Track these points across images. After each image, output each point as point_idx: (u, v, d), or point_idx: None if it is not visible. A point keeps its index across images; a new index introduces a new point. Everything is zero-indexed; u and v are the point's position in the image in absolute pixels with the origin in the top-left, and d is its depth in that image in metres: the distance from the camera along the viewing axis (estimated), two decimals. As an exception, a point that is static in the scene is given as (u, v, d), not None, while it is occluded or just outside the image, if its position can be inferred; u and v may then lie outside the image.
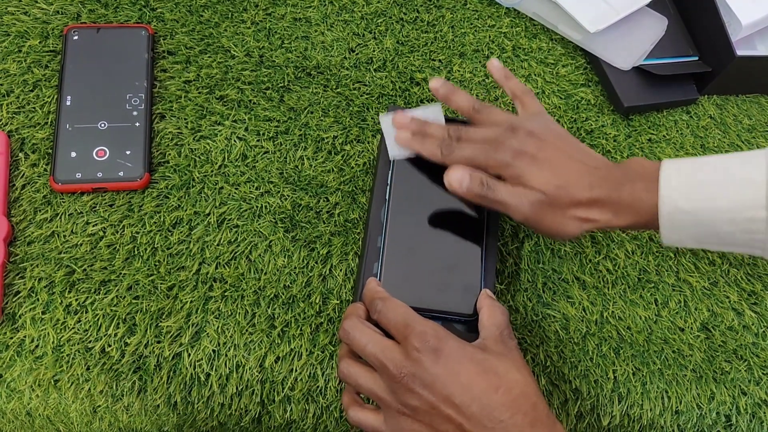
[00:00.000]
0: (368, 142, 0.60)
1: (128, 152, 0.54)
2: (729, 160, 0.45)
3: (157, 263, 0.51)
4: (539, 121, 0.49)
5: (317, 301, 0.52)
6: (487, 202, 0.46)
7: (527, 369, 0.42)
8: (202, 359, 0.49)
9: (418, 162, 0.51)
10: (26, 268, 0.49)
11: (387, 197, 0.50)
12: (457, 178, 0.46)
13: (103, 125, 0.55)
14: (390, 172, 0.51)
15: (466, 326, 0.46)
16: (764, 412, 0.54)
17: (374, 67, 0.64)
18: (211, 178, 0.55)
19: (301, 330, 0.51)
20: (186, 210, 0.54)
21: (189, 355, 0.49)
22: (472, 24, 0.70)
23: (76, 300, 0.49)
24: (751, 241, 0.43)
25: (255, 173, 0.56)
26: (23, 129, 0.54)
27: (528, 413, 0.39)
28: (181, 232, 0.53)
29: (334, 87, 0.62)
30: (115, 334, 0.48)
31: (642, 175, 0.45)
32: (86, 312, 0.49)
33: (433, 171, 0.51)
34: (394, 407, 0.41)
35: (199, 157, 0.56)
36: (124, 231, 0.52)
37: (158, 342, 0.49)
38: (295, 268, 0.53)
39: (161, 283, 0.51)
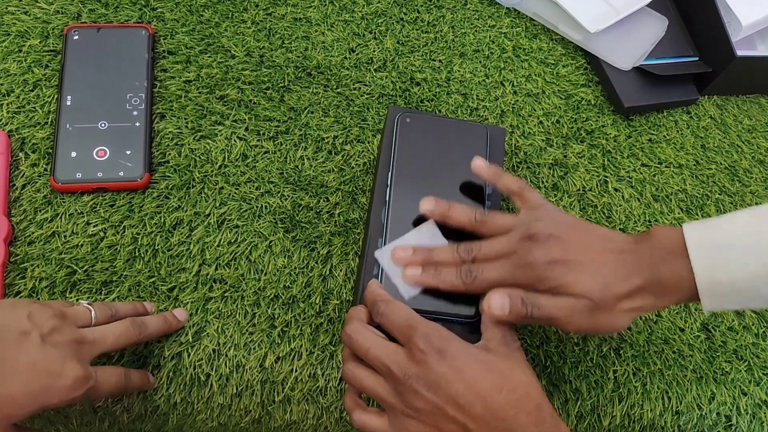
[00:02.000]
0: (368, 142, 0.60)
1: (128, 152, 0.54)
2: (755, 220, 0.42)
3: (157, 265, 0.51)
4: (548, 217, 0.46)
5: (317, 301, 0.52)
6: (533, 321, 0.44)
7: (530, 370, 0.42)
8: (202, 359, 0.49)
9: (418, 163, 0.51)
10: (27, 269, 0.49)
11: (387, 199, 0.50)
12: (498, 306, 0.43)
13: (103, 125, 0.55)
14: (390, 173, 0.51)
15: (468, 327, 0.46)
16: (764, 413, 0.54)
17: (374, 67, 0.64)
18: (212, 178, 0.55)
19: (301, 330, 0.51)
20: (186, 210, 0.54)
21: (189, 355, 0.49)
22: (472, 24, 0.70)
23: (77, 300, 0.49)
24: None
25: (255, 173, 0.56)
26: (23, 129, 0.54)
27: (531, 413, 0.39)
28: (181, 233, 0.53)
29: (335, 87, 0.62)
30: (116, 335, 0.48)
31: (672, 251, 0.43)
32: (86, 312, 0.49)
33: (433, 173, 0.51)
34: (398, 409, 0.41)
35: (200, 157, 0.56)
36: (124, 232, 0.52)
37: (158, 342, 0.49)
38: (296, 268, 0.53)
39: (162, 285, 0.51)
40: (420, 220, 0.49)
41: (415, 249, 0.48)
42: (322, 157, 0.58)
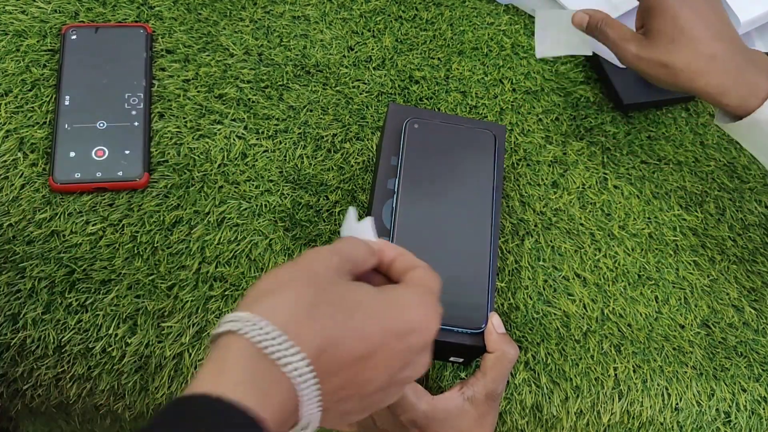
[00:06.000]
0: (368, 140, 0.60)
1: (127, 152, 0.54)
2: None
3: (157, 262, 0.51)
4: None
5: (318, 299, 0.52)
6: (605, 37, 0.51)
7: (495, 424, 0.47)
8: (203, 359, 0.49)
9: (425, 170, 0.51)
10: (26, 268, 0.49)
11: (394, 205, 0.50)
12: (578, 19, 0.51)
13: (102, 125, 0.55)
14: (396, 181, 0.51)
15: (474, 337, 0.46)
16: (764, 409, 0.54)
17: (373, 65, 0.64)
18: (211, 177, 0.55)
19: (302, 329, 0.51)
20: (186, 209, 0.54)
21: (190, 355, 0.49)
22: (470, 21, 0.70)
23: (77, 300, 0.49)
24: None
25: (255, 172, 0.56)
26: (22, 128, 0.54)
27: None
28: (181, 231, 0.53)
29: (333, 85, 0.62)
30: (116, 334, 0.48)
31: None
32: (86, 312, 0.49)
33: (441, 177, 0.50)
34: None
35: (199, 156, 0.56)
36: (123, 230, 0.52)
37: (159, 342, 0.49)
38: (296, 266, 0.53)
39: (162, 283, 0.51)
40: (430, 237, 0.49)
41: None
42: (321, 155, 0.58)
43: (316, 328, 0.29)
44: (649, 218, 0.61)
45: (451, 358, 0.50)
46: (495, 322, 0.46)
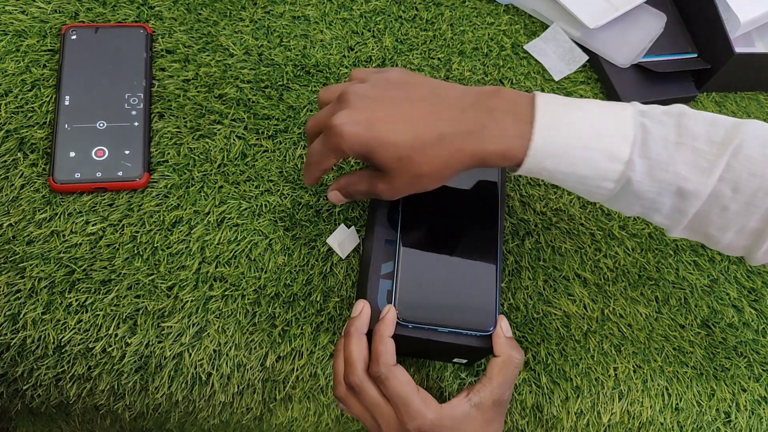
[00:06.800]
0: (368, 141, 0.60)
1: (127, 152, 0.54)
2: (603, 122, 0.40)
3: (157, 263, 0.51)
4: (372, 81, 0.43)
5: (318, 299, 0.52)
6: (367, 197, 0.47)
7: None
8: (203, 359, 0.49)
9: None
10: (26, 268, 0.49)
11: (399, 209, 0.50)
12: (334, 199, 0.48)
13: (101, 125, 0.55)
14: None
15: (481, 339, 0.46)
16: (764, 409, 0.54)
17: (373, 65, 0.64)
18: (211, 177, 0.55)
19: (302, 329, 0.51)
20: (186, 209, 0.54)
21: (190, 355, 0.49)
22: (471, 22, 0.70)
23: (77, 300, 0.49)
24: (588, 194, 0.43)
25: (254, 172, 0.56)
26: (22, 129, 0.54)
27: None
28: (181, 232, 0.53)
29: (334, 85, 0.62)
30: (116, 334, 0.48)
31: (517, 114, 0.41)
32: (86, 312, 0.49)
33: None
34: None
35: (199, 156, 0.56)
36: (123, 230, 0.52)
37: (159, 342, 0.49)
38: (296, 266, 0.53)
39: (162, 283, 0.51)
40: (435, 241, 0.49)
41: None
42: (321, 155, 0.58)
43: None
44: (649, 218, 0.61)
45: (455, 359, 0.50)
46: (503, 325, 0.46)
